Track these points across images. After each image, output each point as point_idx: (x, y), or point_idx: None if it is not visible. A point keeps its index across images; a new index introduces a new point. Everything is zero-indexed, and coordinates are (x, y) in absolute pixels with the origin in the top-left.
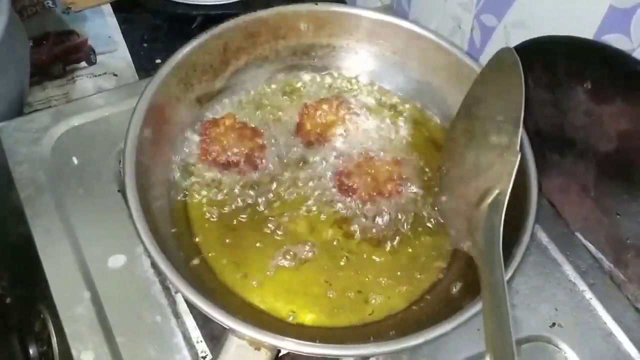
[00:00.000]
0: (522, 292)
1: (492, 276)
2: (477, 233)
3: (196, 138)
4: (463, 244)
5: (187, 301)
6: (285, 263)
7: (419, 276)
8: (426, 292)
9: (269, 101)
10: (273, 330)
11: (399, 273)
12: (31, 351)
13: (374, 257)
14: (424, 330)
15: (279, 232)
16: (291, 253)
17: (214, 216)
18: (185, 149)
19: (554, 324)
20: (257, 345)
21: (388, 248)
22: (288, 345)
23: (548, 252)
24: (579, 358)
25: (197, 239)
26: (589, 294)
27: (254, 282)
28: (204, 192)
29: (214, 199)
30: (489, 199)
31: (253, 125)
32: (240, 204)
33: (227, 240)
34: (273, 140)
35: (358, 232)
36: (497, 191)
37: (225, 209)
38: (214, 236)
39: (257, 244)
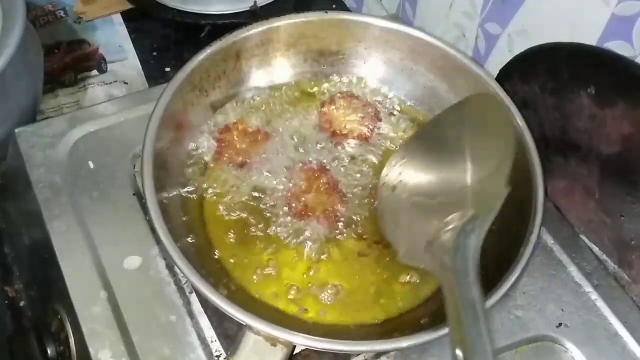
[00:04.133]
0: (528, 292)
1: (469, 294)
2: (443, 252)
3: (210, 142)
4: (416, 261)
5: (201, 301)
6: (299, 265)
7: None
8: (437, 290)
9: (280, 106)
10: (288, 327)
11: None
12: (49, 351)
13: (383, 257)
14: (435, 326)
15: (290, 236)
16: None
17: (227, 216)
18: (199, 152)
19: (560, 324)
20: (273, 341)
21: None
22: (302, 340)
23: (553, 254)
24: (585, 357)
25: (211, 239)
26: (594, 295)
27: (268, 282)
28: (217, 193)
29: (228, 200)
30: (462, 220)
31: (265, 130)
32: (252, 206)
33: (240, 242)
34: (282, 145)
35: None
36: (471, 213)
37: (237, 211)
38: (227, 236)
39: (270, 246)
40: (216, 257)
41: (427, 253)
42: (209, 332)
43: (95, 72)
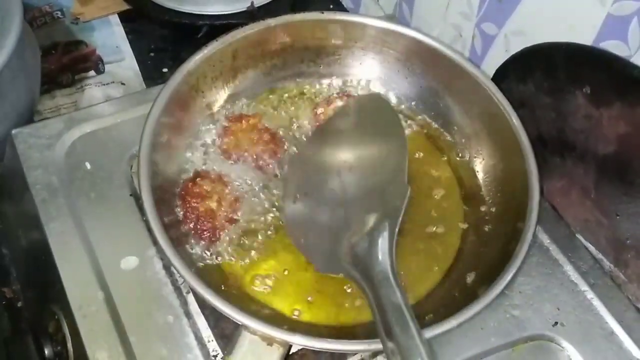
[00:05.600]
0: (525, 292)
1: (393, 298)
2: (358, 259)
3: (206, 141)
4: (335, 271)
5: (198, 301)
6: (294, 265)
7: (435, 268)
8: (440, 284)
9: (277, 107)
10: (284, 327)
11: (411, 266)
12: (46, 352)
13: None
14: (432, 326)
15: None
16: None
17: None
18: (194, 152)
19: (556, 323)
20: (269, 341)
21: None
22: (298, 340)
23: (550, 253)
24: (581, 356)
25: None
26: (590, 294)
27: (262, 282)
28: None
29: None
30: (370, 225)
31: (274, 131)
32: (249, 205)
33: (236, 242)
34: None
35: None
36: (378, 217)
37: (234, 210)
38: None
39: (268, 249)
40: (213, 256)
41: (344, 262)
42: (206, 333)
43: (92, 73)
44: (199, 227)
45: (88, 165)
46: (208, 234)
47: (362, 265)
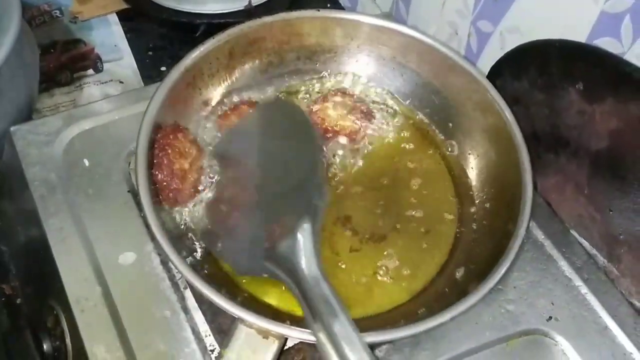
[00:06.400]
0: (519, 287)
1: (321, 291)
2: (284, 258)
3: (203, 137)
4: (257, 272)
5: (195, 297)
6: None
7: (427, 259)
8: (430, 281)
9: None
10: (279, 320)
11: (404, 264)
12: (45, 347)
13: (375, 251)
14: (432, 315)
15: None
16: None
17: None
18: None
19: (550, 318)
20: (265, 334)
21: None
22: (293, 333)
23: (544, 249)
24: (575, 350)
25: None
26: (584, 289)
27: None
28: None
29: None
30: (293, 224)
31: None
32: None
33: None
34: None
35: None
36: (301, 217)
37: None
38: None
39: None
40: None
41: (267, 262)
42: (203, 327)
43: (91, 71)
44: (167, 180)
45: (86, 162)
46: (173, 194)
47: (287, 263)
